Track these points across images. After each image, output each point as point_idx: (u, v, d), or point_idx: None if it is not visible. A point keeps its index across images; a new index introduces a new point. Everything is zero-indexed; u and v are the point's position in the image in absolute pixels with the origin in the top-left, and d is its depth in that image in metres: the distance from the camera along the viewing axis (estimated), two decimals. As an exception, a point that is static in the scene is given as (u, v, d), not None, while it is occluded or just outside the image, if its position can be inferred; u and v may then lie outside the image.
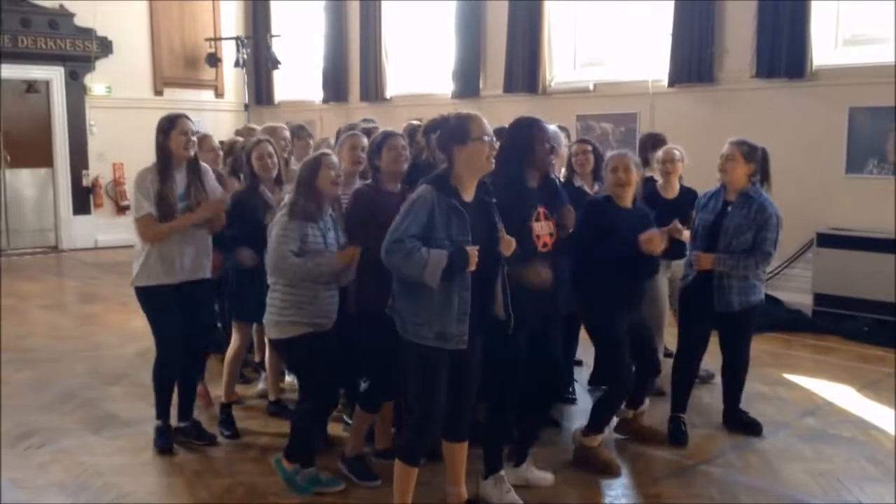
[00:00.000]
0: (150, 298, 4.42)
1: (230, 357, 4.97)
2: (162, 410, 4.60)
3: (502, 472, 3.90)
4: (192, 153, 4.35)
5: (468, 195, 3.42)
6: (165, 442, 4.56)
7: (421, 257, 3.19)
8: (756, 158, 4.61)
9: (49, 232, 12.63)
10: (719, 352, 4.92)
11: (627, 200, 4.31)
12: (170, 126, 4.29)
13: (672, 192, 5.52)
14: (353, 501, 3.96)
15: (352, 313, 4.09)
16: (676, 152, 5.52)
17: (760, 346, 4.84)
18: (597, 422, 4.37)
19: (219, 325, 5.66)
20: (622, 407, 4.65)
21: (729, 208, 4.61)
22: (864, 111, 7.67)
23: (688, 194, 5.44)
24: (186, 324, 4.52)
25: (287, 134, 5.75)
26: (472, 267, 3.27)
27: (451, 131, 3.42)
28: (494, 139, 3.46)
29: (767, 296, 7.73)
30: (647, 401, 4.74)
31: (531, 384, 3.90)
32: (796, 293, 7.93)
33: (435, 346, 3.34)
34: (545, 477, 4.21)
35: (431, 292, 3.26)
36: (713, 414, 5.07)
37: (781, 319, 7.59)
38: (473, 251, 3.26)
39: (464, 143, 3.37)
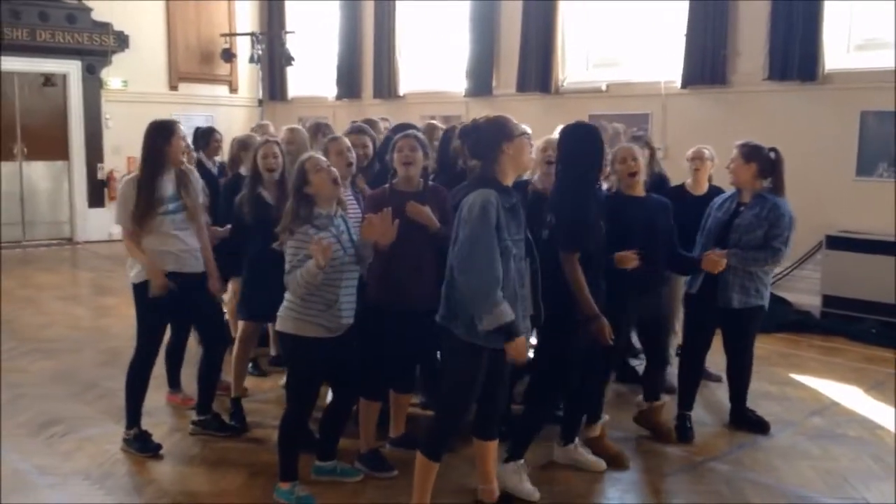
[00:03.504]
0: (142, 294, 4.44)
1: (238, 354, 4.96)
2: (137, 416, 4.54)
3: (522, 461, 4.01)
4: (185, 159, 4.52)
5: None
6: (153, 445, 4.49)
7: (501, 314, 3.26)
8: (759, 157, 4.71)
9: (64, 224, 12.77)
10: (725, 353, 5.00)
11: (639, 189, 4.43)
12: (170, 132, 4.37)
13: (700, 190, 5.67)
14: (370, 491, 4.07)
15: (367, 306, 4.13)
16: (706, 151, 5.73)
17: (769, 346, 4.89)
18: (592, 412, 4.49)
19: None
20: (640, 398, 4.81)
21: (742, 208, 4.73)
22: (876, 115, 7.73)
23: (716, 192, 5.49)
24: (195, 318, 4.70)
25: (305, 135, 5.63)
26: (521, 359, 3.42)
27: (497, 129, 3.48)
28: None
29: (776, 296, 7.88)
30: (664, 396, 4.85)
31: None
32: (805, 294, 8.01)
33: (489, 347, 3.41)
34: (597, 461, 4.34)
35: None
36: (722, 412, 5.16)
37: (790, 320, 7.67)
38: (523, 344, 3.40)
39: (511, 140, 3.46)
